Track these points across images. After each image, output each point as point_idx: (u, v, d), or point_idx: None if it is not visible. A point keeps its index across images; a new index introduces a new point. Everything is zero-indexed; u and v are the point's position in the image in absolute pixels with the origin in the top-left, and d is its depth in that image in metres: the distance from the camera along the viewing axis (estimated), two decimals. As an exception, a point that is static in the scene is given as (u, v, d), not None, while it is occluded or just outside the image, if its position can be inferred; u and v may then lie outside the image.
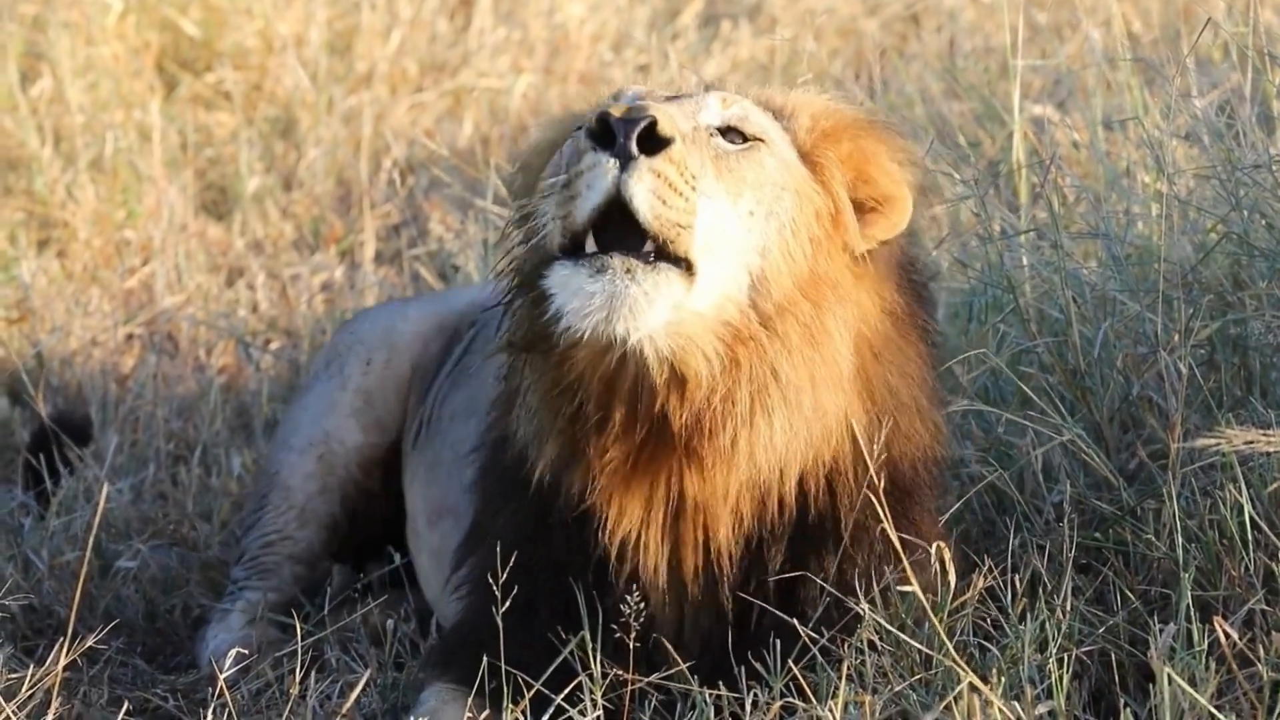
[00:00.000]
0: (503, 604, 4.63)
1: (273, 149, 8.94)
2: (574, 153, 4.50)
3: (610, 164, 4.41)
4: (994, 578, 4.77)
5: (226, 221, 8.62)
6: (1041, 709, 4.54)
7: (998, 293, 5.85)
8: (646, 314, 4.42)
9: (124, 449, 6.89)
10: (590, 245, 4.45)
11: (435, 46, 9.41)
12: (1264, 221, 5.57)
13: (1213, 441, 4.76)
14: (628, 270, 4.41)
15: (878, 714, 4.57)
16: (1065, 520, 4.97)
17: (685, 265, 4.45)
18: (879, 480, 4.65)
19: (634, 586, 4.64)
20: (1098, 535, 5.15)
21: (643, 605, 4.61)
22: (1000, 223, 5.94)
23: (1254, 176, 5.62)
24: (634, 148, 4.41)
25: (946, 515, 4.91)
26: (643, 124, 4.42)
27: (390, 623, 5.62)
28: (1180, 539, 4.89)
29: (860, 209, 4.71)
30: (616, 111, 4.43)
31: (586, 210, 4.44)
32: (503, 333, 4.74)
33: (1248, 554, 4.89)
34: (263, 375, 7.40)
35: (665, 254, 4.44)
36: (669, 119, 4.45)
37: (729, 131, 4.64)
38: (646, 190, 4.41)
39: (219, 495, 6.60)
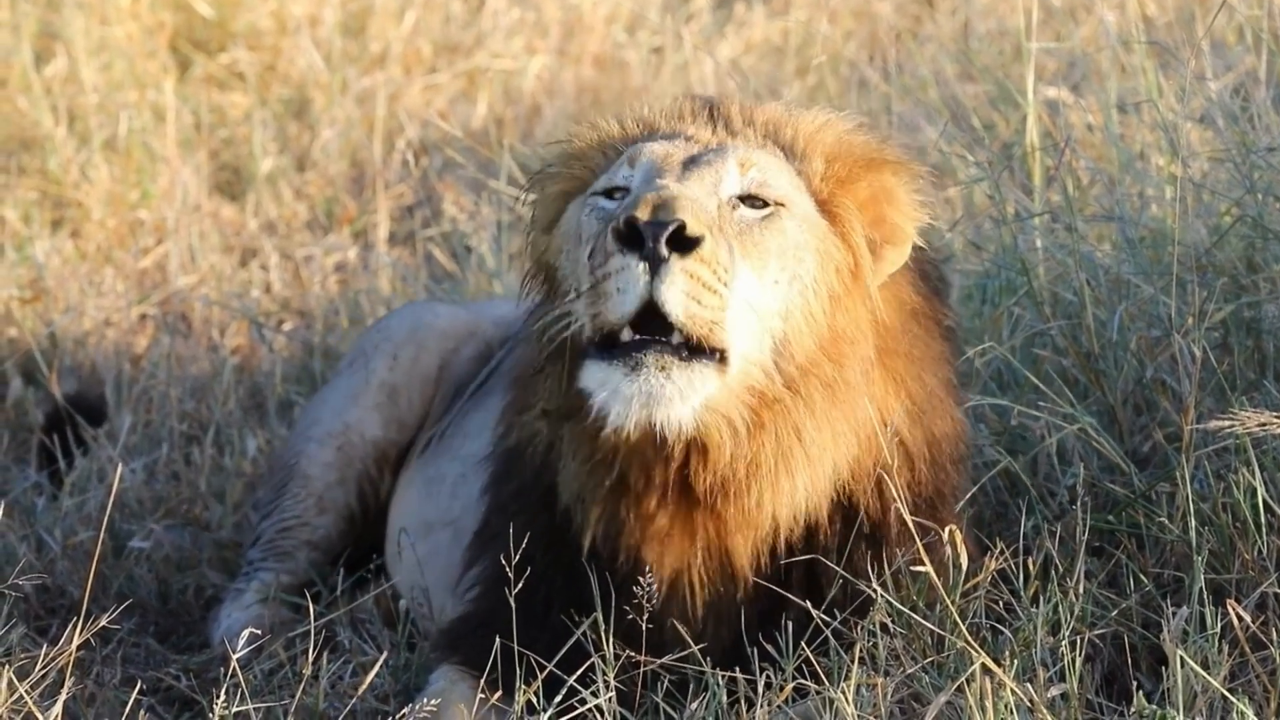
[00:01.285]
0: (515, 586, 4.62)
1: (286, 130, 8.94)
2: (601, 251, 4.45)
3: (640, 268, 4.39)
4: (1007, 561, 4.76)
5: (240, 202, 8.62)
6: (1054, 691, 4.54)
7: (1012, 275, 5.84)
8: (680, 408, 4.44)
9: (137, 429, 6.90)
10: (626, 333, 4.43)
11: (449, 27, 9.40)
12: (1278, 205, 5.56)
13: (1226, 424, 4.76)
14: (662, 368, 4.42)
15: (890, 696, 4.57)
16: (1078, 503, 4.96)
17: (719, 356, 4.46)
18: (915, 489, 4.70)
19: (647, 570, 4.64)
20: (1111, 518, 5.14)
21: (655, 588, 4.62)
22: (1014, 205, 5.94)
23: (1269, 159, 5.61)
24: (664, 250, 4.38)
25: (962, 501, 4.91)
26: (671, 228, 4.38)
27: (403, 604, 5.62)
28: (1193, 522, 4.88)
29: (871, 247, 4.69)
30: (643, 214, 4.39)
31: (618, 314, 4.42)
32: (537, 400, 4.72)
33: (1261, 537, 4.89)
34: (276, 356, 7.40)
35: (699, 347, 4.44)
36: (696, 217, 4.41)
37: (749, 199, 4.59)
38: (680, 293, 4.39)
39: (232, 475, 6.60)
